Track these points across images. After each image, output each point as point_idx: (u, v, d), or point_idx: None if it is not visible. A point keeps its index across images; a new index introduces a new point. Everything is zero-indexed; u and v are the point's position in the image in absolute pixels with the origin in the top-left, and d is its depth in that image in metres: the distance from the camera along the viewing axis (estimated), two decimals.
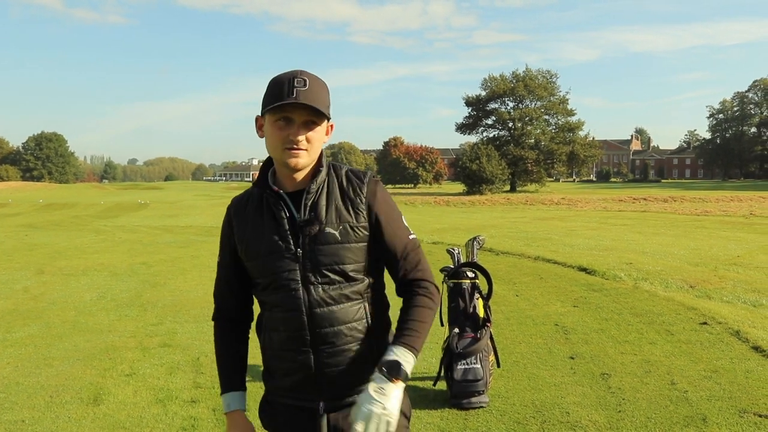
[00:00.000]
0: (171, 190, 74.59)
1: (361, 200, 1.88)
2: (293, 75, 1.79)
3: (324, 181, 1.88)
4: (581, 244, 14.04)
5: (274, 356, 1.91)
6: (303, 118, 1.79)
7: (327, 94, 1.84)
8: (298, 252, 1.82)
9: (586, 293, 8.35)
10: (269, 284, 1.86)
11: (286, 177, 1.88)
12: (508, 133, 68.81)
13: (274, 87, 1.80)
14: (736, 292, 8.34)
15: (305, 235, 1.82)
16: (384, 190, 1.94)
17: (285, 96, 1.75)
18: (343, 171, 1.93)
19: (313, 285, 1.82)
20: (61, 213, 32.76)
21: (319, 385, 1.85)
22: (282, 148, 1.80)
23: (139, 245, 15.79)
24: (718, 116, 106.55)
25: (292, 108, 1.77)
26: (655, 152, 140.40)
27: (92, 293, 9.09)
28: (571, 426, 4.10)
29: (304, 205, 1.84)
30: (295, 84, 1.76)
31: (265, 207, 1.89)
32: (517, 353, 5.72)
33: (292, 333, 1.84)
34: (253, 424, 2.02)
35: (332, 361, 1.83)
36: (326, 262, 1.82)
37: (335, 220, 1.84)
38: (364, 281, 1.87)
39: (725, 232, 17.32)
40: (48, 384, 5.09)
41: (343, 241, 1.83)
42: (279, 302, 1.85)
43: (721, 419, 4.12)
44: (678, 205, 33.89)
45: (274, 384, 1.95)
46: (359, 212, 1.86)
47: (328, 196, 1.87)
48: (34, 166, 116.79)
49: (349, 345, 1.84)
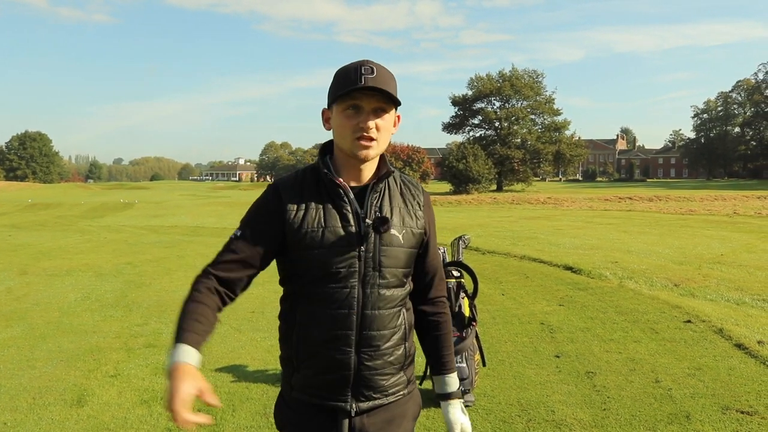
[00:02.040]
0: (157, 190, 74.15)
1: (420, 207, 1.91)
2: (361, 63, 1.77)
3: (387, 181, 1.88)
4: (567, 243, 14.11)
5: (308, 353, 1.83)
6: (372, 105, 1.77)
7: (395, 82, 1.82)
8: (361, 250, 1.79)
9: (571, 292, 8.40)
10: (322, 277, 1.79)
11: (350, 170, 1.85)
12: (494, 133, 68.99)
13: (342, 76, 1.78)
14: (720, 290, 8.41)
15: (372, 234, 1.80)
16: (432, 205, 2.01)
17: (354, 83, 1.74)
18: (398, 175, 1.94)
19: (371, 286, 1.80)
20: (46, 213, 32.48)
21: (353, 387, 1.82)
22: (352, 137, 1.78)
23: (124, 245, 15.69)
24: (702, 116, 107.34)
25: (362, 95, 1.75)
26: (641, 152, 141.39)
27: (76, 294, 9.02)
28: (556, 424, 4.11)
29: (371, 204, 1.82)
30: (363, 71, 1.75)
31: (325, 197, 1.82)
32: (502, 352, 5.74)
33: (338, 331, 1.79)
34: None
35: (371, 363, 1.81)
36: (388, 264, 1.81)
37: (399, 222, 1.84)
38: (407, 287, 1.90)
39: (709, 231, 17.48)
40: (31, 386, 5.04)
41: (404, 244, 1.84)
42: (329, 298, 1.78)
43: (704, 416, 4.15)
44: (663, 204, 34.15)
45: (300, 381, 1.86)
46: (418, 218, 1.89)
47: (391, 198, 1.87)
48: (18, 166, 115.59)
49: (390, 349, 1.84)
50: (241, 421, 4.23)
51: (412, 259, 1.89)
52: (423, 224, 1.90)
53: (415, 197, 1.91)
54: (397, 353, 1.86)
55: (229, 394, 4.73)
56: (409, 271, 1.90)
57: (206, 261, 1.88)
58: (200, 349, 1.73)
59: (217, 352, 5.91)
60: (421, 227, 1.89)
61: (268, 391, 4.78)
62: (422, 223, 1.89)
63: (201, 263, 1.93)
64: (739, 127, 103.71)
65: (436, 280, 2.00)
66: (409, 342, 1.91)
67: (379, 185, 1.85)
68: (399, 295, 1.85)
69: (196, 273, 1.88)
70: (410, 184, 1.94)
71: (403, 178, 1.95)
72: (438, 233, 2.03)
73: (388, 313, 1.83)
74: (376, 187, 1.84)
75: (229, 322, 6.79)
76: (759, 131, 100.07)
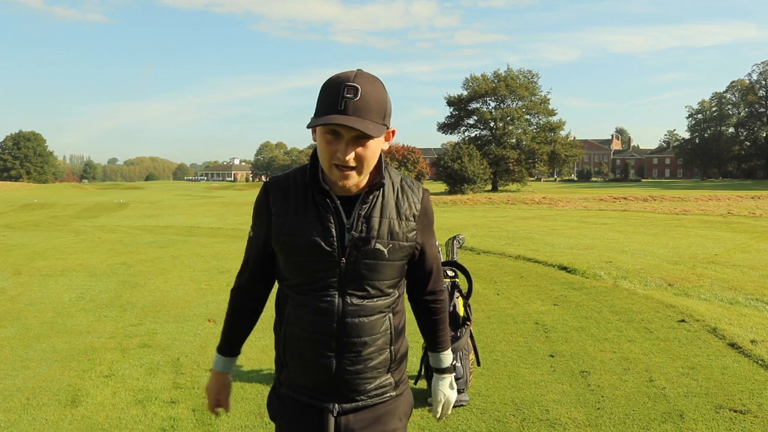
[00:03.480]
0: (152, 190, 73.97)
1: (415, 218, 1.84)
2: (345, 82, 1.66)
3: (380, 191, 1.81)
4: (562, 243, 14.13)
5: (293, 353, 1.84)
6: (352, 134, 1.67)
7: (384, 102, 1.71)
8: (342, 261, 1.75)
9: (566, 292, 8.41)
10: (302, 284, 1.79)
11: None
12: (489, 133, 69.06)
13: (325, 95, 1.68)
14: (714, 290, 8.44)
15: (353, 247, 1.75)
16: (431, 206, 1.95)
17: (334, 107, 1.64)
18: (398, 179, 1.87)
19: (350, 296, 1.77)
20: (40, 213, 32.36)
21: (335, 388, 1.82)
22: (330, 164, 1.71)
23: (119, 245, 15.64)
24: (696, 116, 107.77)
25: (338, 124, 1.65)
26: (635, 152, 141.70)
27: (71, 294, 8.99)
28: (550, 423, 4.13)
29: (358, 215, 1.77)
30: (346, 94, 1.64)
31: (311, 204, 1.78)
32: (497, 352, 5.75)
33: (319, 337, 1.79)
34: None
35: (353, 368, 1.81)
36: (369, 276, 1.78)
37: (386, 236, 1.78)
38: (394, 295, 1.86)
39: (703, 230, 17.53)
40: (25, 386, 5.02)
41: (389, 258, 1.79)
42: (309, 304, 1.78)
43: (697, 415, 4.17)
44: (657, 204, 34.22)
45: (288, 377, 1.89)
46: (409, 231, 1.83)
47: (383, 209, 1.80)
48: (12, 166, 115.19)
49: (372, 354, 1.82)
50: (236, 420, 4.22)
51: (400, 270, 1.86)
52: (414, 237, 1.84)
53: (412, 205, 1.85)
54: (380, 357, 1.84)
55: None
56: (397, 281, 1.86)
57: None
58: (236, 352, 2.09)
59: (212, 352, 5.88)
60: (411, 240, 1.83)
61: (263, 391, 4.78)
62: (413, 236, 1.84)
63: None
64: (734, 127, 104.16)
65: (434, 276, 1.99)
66: (396, 345, 1.88)
67: (369, 196, 1.79)
68: (383, 304, 1.83)
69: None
70: (409, 190, 1.87)
71: (403, 181, 1.88)
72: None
73: (369, 321, 1.80)
74: (367, 198, 1.78)
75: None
76: (753, 131, 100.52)
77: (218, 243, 15.71)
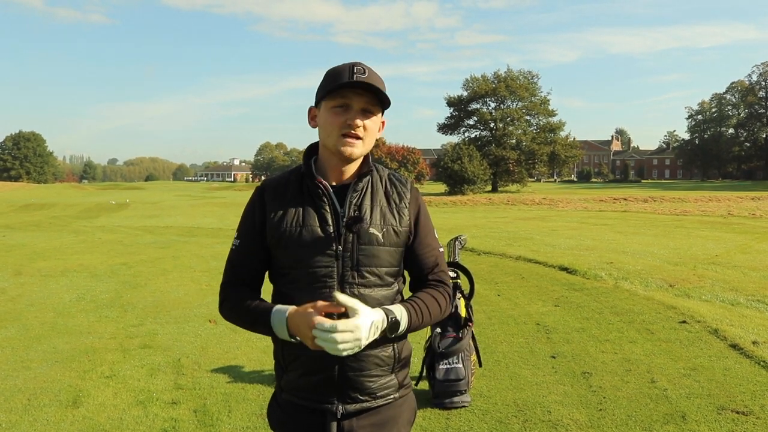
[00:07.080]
0: (152, 190, 73.94)
1: (405, 204, 1.89)
2: (353, 64, 1.79)
3: (369, 180, 1.88)
4: (562, 244, 14.14)
5: (293, 354, 1.82)
6: (361, 105, 1.78)
7: (385, 87, 1.83)
8: (339, 249, 1.79)
9: (567, 293, 8.41)
10: (300, 278, 1.80)
11: (333, 169, 1.86)
12: (489, 134, 69.06)
13: (333, 74, 1.80)
14: (715, 290, 8.44)
15: (348, 233, 1.79)
16: (421, 197, 1.96)
17: (345, 80, 1.75)
18: (385, 173, 1.93)
19: (349, 286, 1.78)
20: (40, 213, 32.35)
21: (338, 388, 1.80)
22: (338, 134, 1.79)
23: (119, 246, 15.63)
24: (696, 117, 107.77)
25: (352, 93, 1.77)
26: (635, 153, 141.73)
27: (71, 294, 8.98)
28: (552, 425, 4.12)
29: (350, 203, 1.82)
30: (355, 71, 1.76)
31: (307, 197, 1.84)
32: (498, 353, 5.74)
33: None
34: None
35: (356, 365, 1.79)
36: (366, 262, 1.80)
37: (379, 221, 1.83)
38: (394, 287, 1.87)
39: (704, 231, 17.54)
40: (26, 387, 5.02)
41: (384, 243, 1.82)
42: (309, 298, 1.74)
43: (699, 416, 4.17)
44: (658, 205, 34.25)
45: (289, 382, 1.86)
46: (402, 216, 1.87)
47: (373, 196, 1.86)
48: (12, 166, 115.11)
49: (375, 351, 1.80)
50: (237, 422, 4.22)
51: (397, 257, 1.87)
52: (407, 222, 1.88)
53: (402, 195, 1.90)
54: (383, 354, 1.83)
55: (225, 395, 4.73)
56: (396, 270, 1.87)
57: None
58: (270, 306, 1.81)
59: (213, 352, 5.90)
60: (405, 225, 1.87)
61: (264, 391, 4.78)
62: (406, 221, 1.87)
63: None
64: (733, 128, 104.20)
65: (429, 273, 1.92)
66: (399, 344, 1.87)
67: (359, 184, 1.85)
68: (382, 295, 1.82)
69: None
70: (397, 182, 1.93)
71: (390, 175, 1.94)
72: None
73: None
74: (357, 186, 1.84)
75: (225, 323, 6.75)
76: (753, 132, 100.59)
77: (219, 243, 15.70)
